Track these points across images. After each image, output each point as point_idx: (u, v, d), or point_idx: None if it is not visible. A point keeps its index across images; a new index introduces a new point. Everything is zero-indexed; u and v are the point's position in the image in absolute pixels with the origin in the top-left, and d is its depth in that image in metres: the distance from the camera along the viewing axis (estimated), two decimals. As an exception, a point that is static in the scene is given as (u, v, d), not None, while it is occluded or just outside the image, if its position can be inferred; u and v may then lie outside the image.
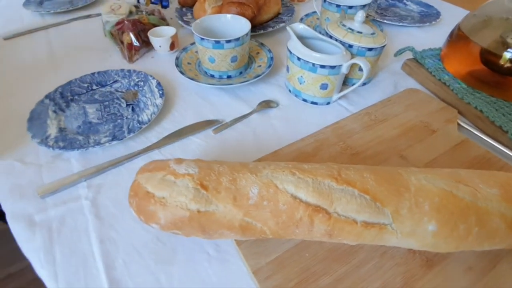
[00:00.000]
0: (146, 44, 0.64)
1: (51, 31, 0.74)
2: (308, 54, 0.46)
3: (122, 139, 0.43)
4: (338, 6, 0.61)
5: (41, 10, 0.81)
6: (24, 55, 0.66)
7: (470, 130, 0.45)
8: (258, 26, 0.70)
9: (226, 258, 0.32)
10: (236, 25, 0.56)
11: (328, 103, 0.51)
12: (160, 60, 0.63)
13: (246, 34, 0.51)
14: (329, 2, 0.62)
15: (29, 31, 0.73)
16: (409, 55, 0.60)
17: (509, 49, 0.47)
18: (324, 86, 0.48)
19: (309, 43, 0.51)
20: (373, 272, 0.29)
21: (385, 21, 0.73)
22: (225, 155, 0.43)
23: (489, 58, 0.50)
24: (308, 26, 0.71)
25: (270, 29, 0.69)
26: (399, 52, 0.60)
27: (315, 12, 0.76)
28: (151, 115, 0.47)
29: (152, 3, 0.71)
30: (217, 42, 0.50)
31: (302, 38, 0.50)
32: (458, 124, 0.45)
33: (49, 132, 0.45)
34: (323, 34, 0.51)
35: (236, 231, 0.28)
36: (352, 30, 0.50)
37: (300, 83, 0.50)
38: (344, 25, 0.52)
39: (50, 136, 0.44)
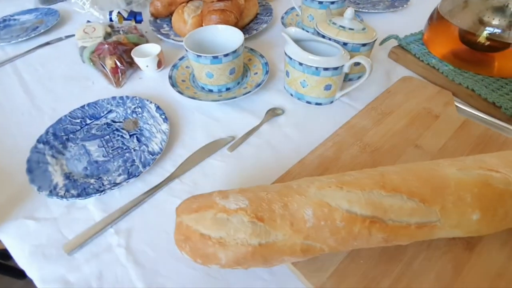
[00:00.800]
0: (130, 65, 0.61)
1: (18, 63, 0.68)
2: (310, 58, 0.46)
3: (138, 175, 0.41)
4: (320, 2, 0.61)
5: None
6: (-6, 96, 0.60)
7: (467, 110, 0.48)
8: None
9: (283, 280, 0.32)
10: (227, 35, 0.55)
11: (332, 102, 0.52)
12: (149, 80, 0.61)
13: (242, 44, 0.50)
14: (311, 0, 0.62)
15: (-10, 64, 0.66)
16: (393, 42, 0.62)
17: (487, 28, 0.51)
18: (328, 87, 0.49)
19: (304, 45, 0.51)
20: (424, 265, 0.31)
21: (360, 9, 0.75)
22: (248, 173, 0.43)
23: (469, 38, 0.53)
24: (290, 24, 0.71)
25: (254, 31, 0.68)
26: (384, 41, 0.62)
27: (293, 8, 0.76)
28: (161, 143, 0.45)
29: (125, 19, 0.67)
30: (215, 57, 0.48)
31: (297, 41, 0.50)
32: (456, 105, 0.49)
33: (56, 181, 0.41)
34: (312, 33, 0.51)
35: (297, 255, 0.28)
36: (344, 27, 0.51)
37: (303, 87, 0.50)
38: (334, 23, 0.52)
39: (57, 185, 0.41)
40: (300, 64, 0.47)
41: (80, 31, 0.60)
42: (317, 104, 0.52)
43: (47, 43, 0.73)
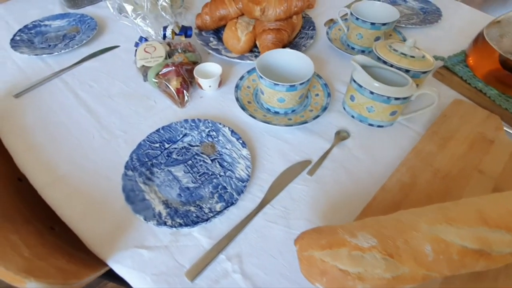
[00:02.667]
0: (190, 83, 0.62)
1: (66, 78, 0.67)
2: (383, 88, 0.50)
3: (235, 203, 0.44)
4: (373, 24, 0.64)
5: (39, 52, 0.71)
6: (53, 114, 0.60)
7: (515, 134, 0.54)
8: (289, 46, 0.71)
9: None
10: (291, 58, 0.57)
11: (392, 124, 0.57)
12: (210, 99, 0.62)
13: (314, 72, 0.53)
14: (362, 20, 0.65)
15: (40, 82, 0.65)
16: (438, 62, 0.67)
17: (529, 56, 0.56)
18: (393, 113, 0.53)
19: (368, 71, 0.55)
20: (507, 281, 0.37)
21: (397, 24, 0.78)
22: (331, 196, 0.47)
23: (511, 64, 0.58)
24: (335, 39, 0.74)
25: (304, 48, 0.70)
26: (429, 61, 0.66)
27: (335, 22, 0.78)
28: (246, 169, 0.48)
29: (177, 34, 0.67)
30: (292, 86, 0.51)
31: (363, 68, 0.53)
32: (504, 130, 0.54)
33: (157, 209, 0.44)
34: (364, 53, 0.55)
35: (417, 283, 0.33)
36: (405, 55, 0.55)
37: (369, 112, 0.54)
38: (395, 50, 0.56)
39: (161, 213, 0.43)
40: (371, 93, 0.51)
41: (141, 51, 0.60)
42: (379, 126, 0.56)
43: (93, 55, 0.72)
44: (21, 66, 0.70)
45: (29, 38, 0.77)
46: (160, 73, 0.58)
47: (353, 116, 0.57)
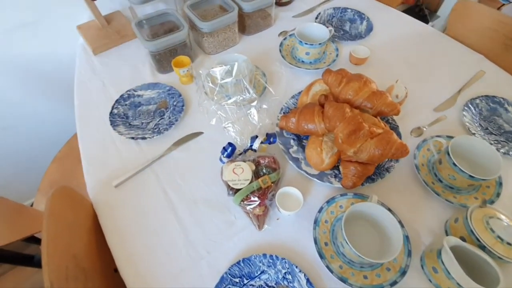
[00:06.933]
0: (270, 206, 0.65)
1: (157, 168, 0.74)
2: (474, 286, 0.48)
3: None
4: (472, 177, 0.60)
5: (133, 134, 0.77)
6: (146, 211, 0.67)
7: None
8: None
9: None
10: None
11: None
12: (287, 223, 0.65)
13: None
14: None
15: (137, 172, 0.72)
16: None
17: None
18: (476, 300, 0.52)
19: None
20: None
21: (500, 150, 0.71)
22: None
23: None
24: (423, 165, 0.71)
25: (386, 173, 0.68)
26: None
27: (424, 140, 0.74)
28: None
29: (262, 143, 0.69)
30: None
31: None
32: None
33: None
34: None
35: None
36: (502, 240, 0.52)
37: (450, 290, 0.53)
38: (493, 231, 0.53)
39: None
40: (458, 284, 0.50)
41: (230, 171, 0.64)
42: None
43: (179, 142, 0.77)
44: (118, 146, 0.78)
45: (124, 111, 0.83)
46: (245, 201, 0.62)
47: (430, 280, 0.57)
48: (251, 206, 0.61)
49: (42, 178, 1.13)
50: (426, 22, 1.85)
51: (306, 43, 0.87)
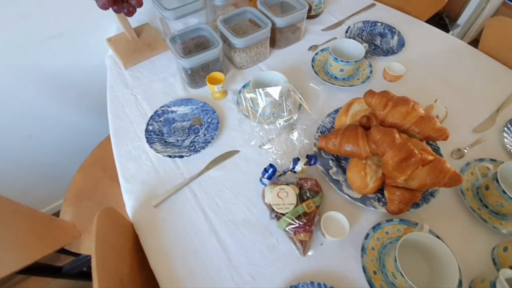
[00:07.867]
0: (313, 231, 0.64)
1: (194, 187, 0.73)
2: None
3: None
4: (522, 205, 0.59)
5: (170, 153, 0.76)
6: (187, 232, 0.66)
7: None
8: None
9: None
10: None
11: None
12: (331, 248, 0.64)
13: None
14: (510, 196, 0.60)
15: (175, 191, 0.72)
16: None
17: None
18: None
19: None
20: None
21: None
22: None
23: None
24: (467, 190, 0.69)
25: (432, 198, 0.67)
26: None
27: (464, 166, 0.72)
28: None
29: (304, 164, 0.68)
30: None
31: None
32: None
33: None
34: None
35: None
36: None
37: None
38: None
39: None
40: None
41: (274, 195, 0.63)
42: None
43: (215, 162, 0.76)
44: (154, 164, 0.77)
45: (159, 127, 0.83)
46: (290, 226, 0.61)
47: (481, 312, 0.56)
48: (295, 229, 0.61)
49: (67, 187, 1.13)
50: (447, 31, 1.83)
51: (341, 60, 0.86)
